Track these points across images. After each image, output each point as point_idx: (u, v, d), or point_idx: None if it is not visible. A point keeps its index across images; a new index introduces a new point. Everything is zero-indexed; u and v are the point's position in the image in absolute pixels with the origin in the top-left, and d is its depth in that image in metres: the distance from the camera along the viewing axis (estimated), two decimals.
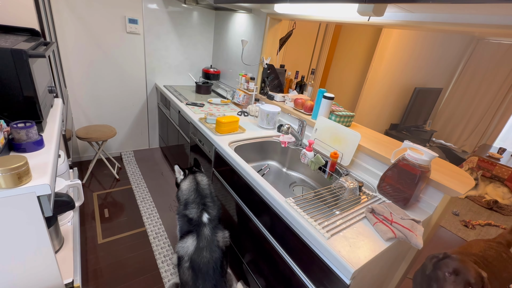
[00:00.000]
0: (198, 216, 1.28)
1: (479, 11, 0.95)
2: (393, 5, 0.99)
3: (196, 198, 1.32)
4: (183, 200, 1.35)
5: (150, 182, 2.43)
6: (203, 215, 1.28)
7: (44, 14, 1.47)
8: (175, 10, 2.47)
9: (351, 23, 1.50)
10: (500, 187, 3.10)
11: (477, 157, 3.32)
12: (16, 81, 0.87)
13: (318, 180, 1.52)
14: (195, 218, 1.27)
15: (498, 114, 4.12)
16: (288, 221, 1.01)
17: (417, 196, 1.09)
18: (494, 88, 4.08)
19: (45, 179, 0.77)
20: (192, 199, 1.32)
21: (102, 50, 2.29)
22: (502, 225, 2.68)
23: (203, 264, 1.20)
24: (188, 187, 1.36)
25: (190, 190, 1.35)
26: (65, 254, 1.17)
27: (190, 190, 1.35)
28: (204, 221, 1.27)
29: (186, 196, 1.34)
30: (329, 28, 2.94)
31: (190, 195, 1.33)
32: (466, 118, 4.44)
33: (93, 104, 2.45)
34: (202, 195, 1.34)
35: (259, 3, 1.63)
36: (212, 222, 1.29)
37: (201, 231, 1.25)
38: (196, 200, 1.32)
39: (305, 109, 1.74)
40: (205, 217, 1.28)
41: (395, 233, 0.90)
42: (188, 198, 1.33)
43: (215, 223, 1.30)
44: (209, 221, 1.27)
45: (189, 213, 1.29)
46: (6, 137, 0.85)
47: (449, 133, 4.69)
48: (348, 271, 0.77)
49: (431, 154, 1.00)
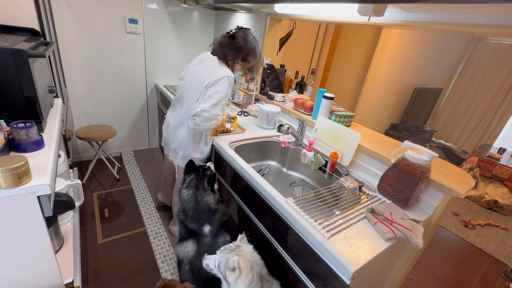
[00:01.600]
0: (199, 228, 1.23)
1: (479, 11, 0.95)
2: (393, 5, 0.99)
3: (196, 216, 1.23)
4: (181, 207, 1.28)
5: (150, 182, 2.43)
6: (204, 227, 1.23)
7: (44, 14, 1.47)
8: (175, 10, 2.47)
9: (351, 23, 1.50)
10: (500, 187, 3.10)
11: (477, 157, 3.32)
12: (16, 81, 0.87)
13: (318, 180, 1.52)
14: (196, 229, 1.23)
15: (498, 114, 4.11)
16: (288, 221, 1.01)
17: (417, 196, 1.09)
18: (494, 88, 4.08)
19: (45, 179, 0.77)
20: (191, 215, 1.24)
21: (102, 50, 2.29)
22: (502, 225, 2.68)
23: (203, 269, 1.19)
24: (188, 200, 1.26)
25: (190, 208, 1.25)
26: (65, 254, 1.17)
27: (189, 206, 1.25)
28: (205, 232, 1.23)
29: (185, 207, 1.26)
30: (329, 28, 2.94)
31: (189, 211, 1.24)
32: (466, 118, 4.44)
33: (93, 104, 2.45)
34: (202, 211, 1.24)
35: (259, 3, 1.63)
36: (213, 231, 1.24)
37: (202, 239, 1.22)
38: (195, 217, 1.23)
39: (305, 109, 1.74)
40: (207, 228, 1.23)
41: (395, 233, 0.89)
42: (187, 210, 1.25)
43: (216, 231, 1.26)
44: (210, 232, 1.24)
45: (189, 224, 1.24)
46: (6, 137, 0.85)
47: (449, 133, 4.69)
48: (348, 271, 0.77)
49: (431, 154, 1.00)
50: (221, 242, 1.26)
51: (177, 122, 1.47)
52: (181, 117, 1.46)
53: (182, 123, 1.45)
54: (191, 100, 1.38)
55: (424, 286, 1.85)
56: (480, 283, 1.96)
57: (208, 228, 1.24)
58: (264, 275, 0.97)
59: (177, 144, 1.50)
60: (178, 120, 1.47)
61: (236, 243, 1.01)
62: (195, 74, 1.38)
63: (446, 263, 2.11)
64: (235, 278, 0.91)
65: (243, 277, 0.91)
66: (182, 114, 1.45)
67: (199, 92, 1.33)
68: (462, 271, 2.05)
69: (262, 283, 0.95)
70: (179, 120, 1.46)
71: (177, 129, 1.48)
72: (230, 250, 0.99)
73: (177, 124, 1.47)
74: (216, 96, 1.29)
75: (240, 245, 0.99)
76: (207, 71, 1.33)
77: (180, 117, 1.46)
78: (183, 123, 1.45)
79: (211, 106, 1.28)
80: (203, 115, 1.26)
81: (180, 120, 1.46)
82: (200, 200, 1.24)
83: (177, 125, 1.47)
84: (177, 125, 1.47)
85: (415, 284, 1.85)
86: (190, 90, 1.39)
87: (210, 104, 1.27)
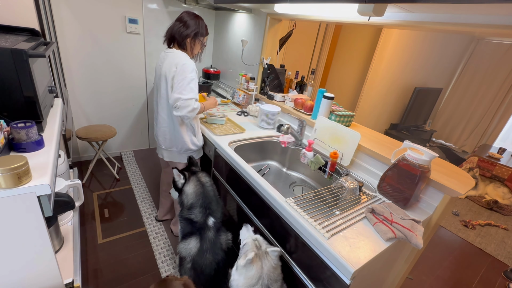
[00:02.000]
0: (204, 219, 1.24)
1: (479, 11, 0.95)
2: (393, 5, 0.99)
3: (204, 202, 1.26)
4: (188, 204, 1.29)
5: (150, 182, 2.43)
6: (208, 218, 1.25)
7: (44, 14, 1.47)
8: (175, 10, 2.47)
9: (351, 23, 1.50)
10: (500, 187, 3.10)
11: (477, 157, 3.32)
12: (16, 81, 0.87)
13: (318, 180, 1.52)
14: (200, 222, 1.24)
15: (498, 114, 4.12)
16: (288, 221, 1.01)
17: (417, 196, 1.09)
18: (494, 88, 4.08)
19: (45, 179, 0.77)
20: (199, 203, 1.26)
21: (102, 50, 2.29)
22: (502, 225, 2.68)
23: (206, 266, 1.19)
24: (194, 191, 1.28)
25: (197, 194, 1.28)
26: (65, 254, 1.17)
27: (197, 194, 1.28)
28: (209, 224, 1.24)
29: (193, 200, 1.27)
30: (329, 28, 2.94)
31: (198, 199, 1.27)
32: (466, 118, 4.44)
33: (93, 104, 2.45)
34: (208, 198, 1.28)
35: (259, 3, 1.63)
36: (217, 225, 1.26)
37: (205, 234, 1.23)
38: (203, 204, 1.26)
39: (305, 109, 1.74)
40: (211, 220, 1.25)
41: (395, 233, 0.90)
42: (195, 202, 1.27)
43: (218, 225, 1.28)
44: (214, 225, 1.25)
45: (194, 216, 1.25)
46: (6, 137, 0.85)
47: (449, 133, 4.69)
48: (348, 271, 0.77)
49: (431, 154, 1.00)
50: (223, 239, 1.27)
51: (160, 121, 1.53)
52: (162, 116, 1.51)
53: (164, 120, 1.50)
54: (164, 97, 1.44)
55: (424, 286, 1.85)
56: (480, 283, 1.96)
57: (212, 221, 1.25)
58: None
59: (168, 142, 1.55)
60: (161, 119, 1.52)
61: (269, 250, 1.00)
62: (160, 72, 1.44)
63: (446, 263, 2.11)
64: (242, 265, 0.95)
65: (249, 273, 0.94)
66: (161, 113, 1.51)
67: (169, 86, 1.39)
68: (462, 271, 2.05)
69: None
70: (162, 119, 1.52)
71: (163, 128, 1.53)
72: (265, 244, 1.03)
73: (162, 123, 1.53)
74: (183, 81, 1.33)
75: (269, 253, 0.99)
76: (168, 63, 1.39)
77: (162, 117, 1.51)
78: (165, 120, 1.50)
79: (181, 92, 1.32)
80: (178, 104, 1.32)
81: (162, 119, 1.51)
82: (205, 182, 1.31)
83: (162, 124, 1.52)
84: (162, 124, 1.52)
85: (415, 284, 1.85)
86: (161, 88, 1.45)
87: (179, 90, 1.32)
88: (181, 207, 1.32)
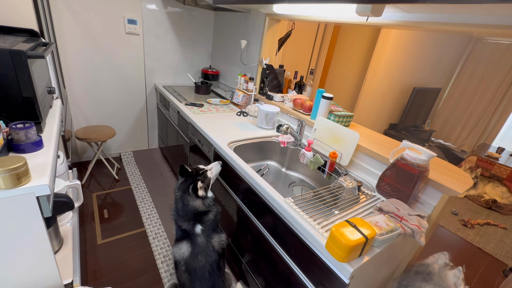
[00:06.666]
0: (191, 228, 1.22)
1: (478, 11, 0.95)
2: (391, 6, 0.99)
3: (186, 216, 1.23)
4: (174, 207, 1.28)
5: (149, 182, 2.43)
6: (195, 227, 1.23)
7: (43, 14, 1.47)
8: (174, 11, 2.47)
9: (349, 24, 1.50)
10: (498, 186, 3.10)
11: (476, 156, 3.33)
12: (15, 81, 0.87)
13: (317, 180, 1.53)
14: (188, 229, 1.23)
15: (496, 113, 4.13)
16: (287, 221, 1.01)
17: (415, 196, 1.09)
18: (493, 88, 4.09)
19: (44, 179, 0.77)
20: (181, 216, 1.24)
21: (101, 51, 2.29)
22: (501, 224, 2.69)
23: (199, 268, 1.19)
24: (177, 201, 1.26)
25: (179, 207, 1.25)
26: (65, 254, 1.17)
27: (179, 207, 1.25)
28: (197, 232, 1.22)
29: (176, 206, 1.26)
30: (328, 29, 2.94)
31: (179, 211, 1.25)
32: (465, 118, 4.45)
33: (92, 105, 2.45)
34: (189, 213, 1.23)
35: (258, 4, 1.63)
36: (206, 231, 1.23)
37: (195, 239, 1.21)
38: (186, 217, 1.23)
39: (304, 109, 1.74)
40: (198, 228, 1.23)
41: (404, 228, 0.90)
42: (178, 210, 1.25)
43: (209, 231, 1.25)
44: (202, 232, 1.22)
45: (181, 224, 1.24)
46: (5, 138, 0.85)
47: (448, 132, 4.70)
48: (347, 271, 0.77)
49: (429, 153, 1.00)
50: (216, 242, 1.25)
51: None
52: None
53: None
54: None
55: None
56: (479, 282, 1.96)
57: (199, 228, 1.22)
58: None
59: None
60: None
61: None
62: None
63: None
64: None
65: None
66: None
67: None
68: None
69: None
70: None
71: None
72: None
73: None
74: None
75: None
76: None
77: None
78: None
79: None
80: None
81: None
82: (186, 204, 1.23)
83: None
84: None
85: None
86: None
87: None
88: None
